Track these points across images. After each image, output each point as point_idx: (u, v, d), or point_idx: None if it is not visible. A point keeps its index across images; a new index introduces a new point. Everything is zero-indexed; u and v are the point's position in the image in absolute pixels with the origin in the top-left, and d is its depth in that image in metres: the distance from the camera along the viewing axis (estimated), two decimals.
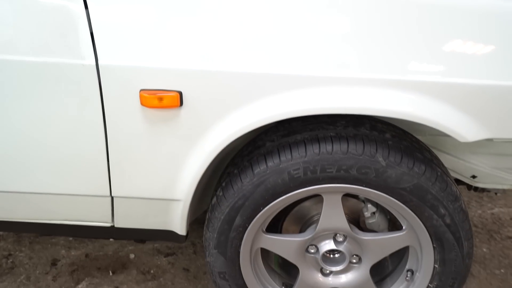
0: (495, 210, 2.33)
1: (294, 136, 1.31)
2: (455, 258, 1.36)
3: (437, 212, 1.29)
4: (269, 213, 1.37)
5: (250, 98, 1.21)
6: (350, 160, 1.24)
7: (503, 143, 1.46)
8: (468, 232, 1.34)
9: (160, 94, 1.20)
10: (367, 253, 1.45)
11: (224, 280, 1.49)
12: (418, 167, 1.25)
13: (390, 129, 1.35)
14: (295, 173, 1.27)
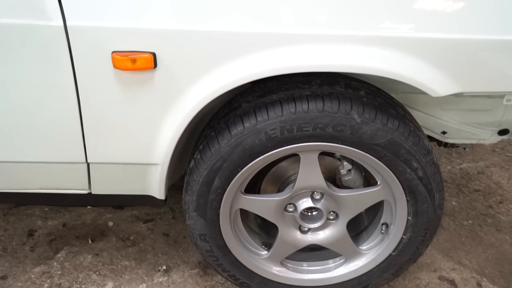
0: (463, 165, 2.42)
1: (270, 96, 1.32)
2: (427, 209, 1.41)
3: (410, 166, 1.33)
4: (247, 174, 1.39)
5: (225, 58, 1.20)
6: (326, 118, 1.25)
7: (471, 99, 1.50)
8: (439, 184, 1.38)
9: (133, 55, 1.17)
10: (343, 209, 1.49)
11: (205, 242, 1.52)
12: (392, 123, 1.28)
13: (365, 86, 1.37)
14: (272, 133, 1.28)
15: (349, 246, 1.55)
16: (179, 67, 1.21)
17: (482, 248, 1.93)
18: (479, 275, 1.80)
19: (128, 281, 1.76)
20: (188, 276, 1.79)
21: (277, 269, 1.60)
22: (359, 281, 1.58)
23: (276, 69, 1.20)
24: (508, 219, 2.07)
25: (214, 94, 1.23)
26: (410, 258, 1.52)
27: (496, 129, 1.58)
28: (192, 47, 1.18)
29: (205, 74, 1.22)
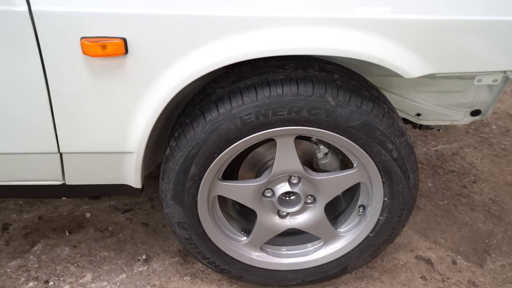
0: (438, 147, 2.46)
1: (244, 81, 1.30)
2: (403, 190, 1.42)
3: (385, 148, 1.33)
4: (223, 160, 1.37)
5: (197, 43, 1.18)
6: (300, 101, 1.25)
7: (444, 81, 1.52)
8: (414, 164, 1.39)
9: (103, 41, 1.14)
10: (321, 193, 1.50)
11: (183, 230, 1.50)
12: (366, 105, 1.28)
13: (339, 69, 1.36)
14: (247, 118, 1.27)
15: (327, 229, 1.56)
16: (151, 52, 1.18)
17: (457, 227, 1.97)
18: (454, 253, 1.84)
19: (107, 272, 1.74)
20: (168, 264, 1.78)
21: (256, 255, 1.60)
22: (338, 263, 1.60)
23: (250, 53, 1.19)
24: (481, 198, 2.12)
25: (188, 80, 1.21)
26: (387, 238, 1.54)
27: (468, 110, 1.61)
28: (164, 32, 1.16)
29: (178, 60, 1.19)
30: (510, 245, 1.88)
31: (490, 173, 2.28)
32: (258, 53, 1.18)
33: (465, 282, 1.72)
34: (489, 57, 1.20)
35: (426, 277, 1.75)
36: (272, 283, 1.65)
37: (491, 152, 2.42)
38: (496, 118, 2.70)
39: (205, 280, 1.72)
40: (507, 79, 1.42)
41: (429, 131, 2.56)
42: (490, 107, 1.58)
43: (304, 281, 1.63)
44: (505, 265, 1.79)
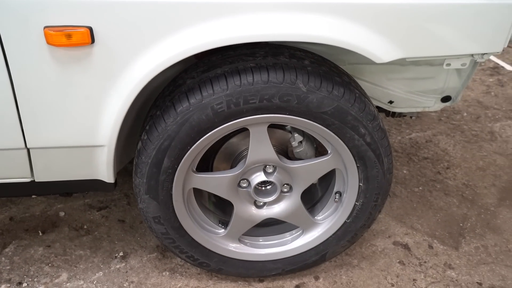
0: (412, 135, 2.48)
1: (214, 71, 1.27)
2: (377, 174, 1.41)
3: (358, 132, 1.32)
4: (197, 151, 1.34)
5: (166, 31, 1.14)
6: (271, 89, 1.23)
7: (415, 67, 1.52)
8: (387, 148, 1.39)
9: (67, 30, 1.09)
10: (296, 181, 1.48)
11: (159, 224, 1.46)
12: (337, 90, 1.27)
13: (309, 56, 1.35)
14: (218, 107, 1.24)
15: (305, 217, 1.55)
16: (118, 41, 1.14)
17: (432, 212, 1.98)
18: (430, 237, 1.86)
19: (83, 271, 1.69)
20: (146, 260, 1.74)
21: (235, 246, 1.58)
22: (317, 251, 1.58)
23: (218, 41, 1.15)
24: (455, 183, 2.14)
25: (157, 69, 1.17)
26: (364, 224, 1.53)
27: (439, 96, 1.62)
28: (131, 20, 1.12)
29: (147, 49, 1.15)
30: (483, 228, 1.90)
31: (462, 158, 2.31)
32: (226, 40, 1.15)
33: (442, 265, 1.74)
34: (457, 41, 1.20)
35: (404, 262, 1.75)
36: (252, 274, 1.62)
37: (463, 139, 2.46)
38: (467, 106, 2.74)
39: (184, 274, 1.68)
40: (475, 63, 1.43)
41: (403, 120, 2.58)
42: (460, 93, 1.59)
43: (284, 271, 1.61)
44: (479, 247, 1.82)
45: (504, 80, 3.02)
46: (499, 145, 2.40)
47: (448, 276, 1.69)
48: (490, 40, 1.19)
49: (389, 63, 1.48)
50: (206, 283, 1.65)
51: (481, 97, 2.83)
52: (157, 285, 1.64)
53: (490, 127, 2.55)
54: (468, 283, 1.67)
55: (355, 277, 1.68)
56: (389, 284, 1.66)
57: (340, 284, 1.66)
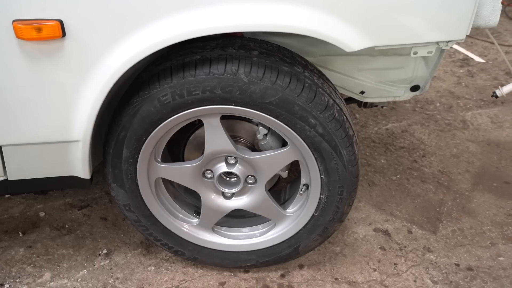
0: (388, 126, 2.54)
1: (164, 64, 1.29)
2: (337, 166, 1.36)
3: (308, 123, 1.28)
4: (154, 142, 1.36)
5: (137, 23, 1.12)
6: (213, 80, 1.23)
7: (384, 58, 1.55)
8: (344, 140, 1.33)
9: (37, 23, 1.07)
10: (259, 172, 1.47)
11: (130, 212, 1.50)
12: (282, 80, 1.24)
13: (263, 46, 1.33)
14: (164, 99, 1.26)
15: (274, 209, 1.53)
16: (90, 35, 1.12)
17: (410, 199, 2.03)
18: (409, 223, 1.91)
19: (67, 269, 1.66)
20: (131, 256, 1.73)
21: (208, 236, 1.58)
22: (289, 244, 1.57)
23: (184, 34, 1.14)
24: (431, 171, 2.21)
25: (131, 62, 1.16)
26: (333, 217, 1.48)
27: (408, 85, 1.65)
28: (102, 13, 1.10)
29: (119, 41, 1.14)
30: (459, 212, 1.96)
31: (437, 147, 2.37)
32: (194, 33, 1.14)
33: (421, 249, 1.79)
34: (422, 29, 1.22)
35: (384, 247, 1.79)
36: (226, 264, 1.63)
37: (437, 128, 2.52)
38: (440, 96, 2.82)
39: (170, 268, 1.68)
40: (442, 51, 1.47)
41: (379, 111, 2.63)
42: (428, 82, 1.63)
43: (259, 262, 1.61)
44: (455, 230, 1.88)
45: (473, 71, 3.11)
46: (471, 132, 2.48)
47: (427, 259, 1.74)
48: (453, 28, 1.21)
49: (359, 54, 1.51)
50: (192, 276, 1.65)
51: (453, 88, 2.92)
52: (143, 280, 1.64)
53: (462, 116, 2.63)
54: (446, 264, 1.72)
55: (339, 264, 1.71)
56: (371, 269, 1.70)
57: (324, 271, 1.69)
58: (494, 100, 2.76)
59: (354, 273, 1.68)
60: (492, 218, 1.92)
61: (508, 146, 2.36)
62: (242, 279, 1.65)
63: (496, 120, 2.58)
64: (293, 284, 1.63)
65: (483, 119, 2.59)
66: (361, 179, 2.14)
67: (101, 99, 1.20)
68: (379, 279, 1.66)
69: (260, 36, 1.47)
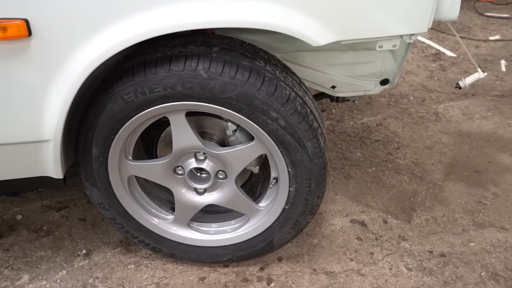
0: (364, 120, 2.59)
1: (128, 63, 1.30)
2: (302, 159, 1.37)
3: (270, 116, 1.29)
4: (123, 140, 1.37)
5: (105, 21, 1.13)
6: (173, 77, 1.25)
7: (353, 52, 1.58)
8: (308, 132, 1.33)
9: (2, 23, 1.07)
10: (229, 167, 1.47)
11: (105, 210, 1.51)
12: (241, 75, 1.25)
13: (225, 42, 1.34)
14: (127, 97, 1.27)
15: (246, 204, 1.55)
16: (56, 33, 1.12)
17: (385, 190, 2.08)
18: (385, 213, 1.95)
19: (45, 271, 1.66)
20: (110, 256, 1.73)
21: (184, 232, 1.60)
22: (263, 237, 1.58)
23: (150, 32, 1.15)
24: (405, 162, 2.26)
25: (99, 59, 1.16)
26: (303, 210, 1.49)
27: (377, 79, 1.68)
28: (68, 11, 1.10)
29: (87, 39, 1.14)
30: (432, 201, 2.02)
31: (411, 139, 2.43)
32: (158, 31, 1.15)
33: (396, 238, 1.83)
34: (387, 23, 1.25)
35: (361, 237, 1.84)
36: (203, 259, 1.64)
37: (410, 121, 2.59)
38: (413, 90, 2.89)
39: (150, 266, 1.69)
40: (408, 45, 1.52)
41: (355, 106, 2.68)
42: (396, 75, 1.67)
43: (235, 257, 1.63)
44: (429, 218, 1.93)
45: (445, 65, 3.19)
46: (443, 124, 2.55)
47: (402, 247, 1.79)
48: (416, 21, 1.25)
49: (329, 49, 1.54)
50: (172, 273, 1.67)
51: (425, 82, 2.99)
52: (123, 278, 1.64)
53: (435, 108, 2.70)
54: (420, 252, 1.77)
55: (317, 255, 1.75)
56: (348, 259, 1.74)
57: (303, 263, 1.72)
58: (465, 93, 2.84)
59: (332, 264, 1.71)
60: (463, 206, 1.98)
61: (478, 137, 2.44)
62: (222, 273, 1.67)
63: (467, 112, 2.65)
64: (272, 276, 1.66)
65: (454, 111, 2.66)
66: (337, 172, 2.18)
67: (71, 98, 1.20)
68: (356, 269, 1.70)
69: (232, 34, 1.49)
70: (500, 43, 3.47)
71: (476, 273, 1.68)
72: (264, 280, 1.64)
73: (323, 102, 2.69)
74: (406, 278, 1.66)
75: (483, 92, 2.85)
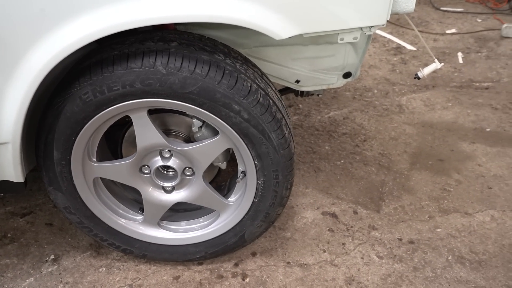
0: (330, 114, 2.62)
1: (84, 62, 1.27)
2: (268, 151, 1.36)
3: (232, 109, 1.27)
4: (85, 141, 1.33)
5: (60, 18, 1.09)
6: (131, 74, 1.22)
7: (315, 47, 1.59)
8: (272, 124, 1.32)
9: None
10: (195, 163, 1.46)
11: (72, 215, 1.47)
12: (200, 69, 1.23)
13: (183, 37, 1.32)
14: (85, 97, 1.24)
15: (215, 199, 1.54)
16: (10, 32, 1.07)
17: (354, 181, 2.12)
18: (355, 204, 1.99)
19: (12, 279, 1.59)
20: (80, 259, 1.67)
21: (155, 232, 1.57)
22: (235, 232, 1.57)
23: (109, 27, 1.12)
24: (372, 154, 2.31)
25: (57, 58, 1.12)
26: (272, 202, 1.49)
27: (340, 73, 1.71)
28: (21, 8, 1.06)
29: (42, 38, 1.10)
30: (399, 190, 2.07)
31: (376, 131, 2.48)
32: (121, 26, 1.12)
33: (366, 228, 1.87)
34: (347, 15, 1.27)
35: (333, 229, 1.86)
36: (176, 258, 1.62)
37: (375, 113, 2.64)
38: (377, 83, 2.95)
39: (122, 268, 1.65)
40: (368, 38, 1.55)
41: (321, 101, 2.71)
42: (358, 68, 1.70)
43: (208, 253, 1.61)
44: (397, 207, 1.98)
45: (406, 58, 3.28)
46: (407, 116, 2.62)
47: (372, 237, 1.83)
48: (375, 14, 1.27)
49: (291, 44, 1.55)
50: (145, 273, 1.63)
51: (388, 75, 3.06)
52: (94, 282, 1.60)
53: (398, 101, 2.76)
54: (390, 240, 1.81)
55: (290, 249, 1.76)
56: (321, 250, 1.76)
57: (276, 256, 1.72)
58: (426, 85, 2.92)
59: (305, 256, 1.73)
60: (429, 194, 2.04)
61: (440, 127, 2.52)
62: (196, 271, 1.65)
63: (429, 103, 2.73)
64: (246, 271, 1.66)
65: (417, 102, 2.74)
66: (307, 166, 2.20)
67: (28, 99, 1.16)
68: (329, 259, 1.72)
69: (194, 30, 1.47)
70: (456, 36, 3.60)
71: (443, 257, 1.73)
72: (239, 276, 1.64)
73: (290, 98, 2.71)
74: (377, 266, 1.70)
75: (443, 83, 2.94)
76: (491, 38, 3.57)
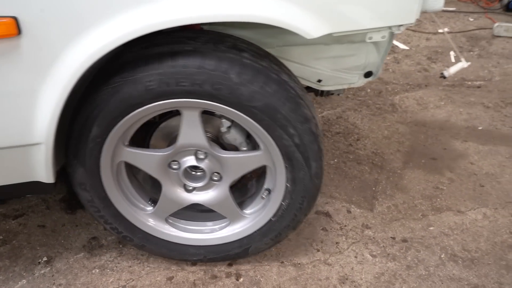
0: (324, 113, 2.62)
1: (153, 49, 1.24)
2: (304, 177, 1.38)
3: (287, 132, 1.29)
4: (127, 125, 1.31)
5: (98, 16, 1.08)
6: (203, 75, 1.21)
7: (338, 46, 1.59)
8: (317, 153, 1.35)
9: None
10: (226, 171, 1.47)
11: (85, 192, 1.43)
12: (270, 87, 1.24)
13: (252, 49, 1.33)
14: (149, 84, 1.22)
15: (232, 208, 1.54)
16: (48, 31, 1.06)
17: (347, 180, 2.12)
18: (348, 203, 1.99)
19: (3, 282, 1.57)
20: (73, 261, 1.66)
21: (160, 226, 1.56)
22: (241, 244, 1.57)
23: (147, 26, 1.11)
24: (365, 153, 2.31)
25: (93, 57, 1.11)
26: (288, 224, 1.51)
27: (361, 72, 1.70)
28: (59, 7, 1.05)
29: (80, 37, 1.09)
30: (392, 189, 2.08)
31: (370, 130, 2.49)
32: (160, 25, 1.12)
33: (360, 226, 1.87)
34: (377, 14, 1.26)
35: (326, 228, 1.86)
36: (173, 255, 1.61)
37: (369, 112, 2.65)
38: (370, 83, 2.95)
39: (115, 269, 1.64)
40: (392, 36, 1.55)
41: (315, 100, 2.71)
42: (380, 67, 1.70)
43: (206, 258, 1.61)
44: (390, 206, 1.98)
45: (399, 58, 3.29)
46: (400, 115, 2.63)
47: (366, 235, 1.83)
48: (404, 12, 1.27)
49: (315, 43, 1.55)
50: (138, 274, 1.63)
51: (381, 74, 3.06)
52: (87, 283, 1.59)
53: (391, 100, 2.77)
54: (383, 239, 1.82)
55: (284, 248, 1.76)
56: (315, 249, 1.76)
57: (270, 256, 1.72)
58: (419, 84, 2.93)
59: (299, 255, 1.73)
60: (422, 192, 2.05)
61: (433, 125, 2.53)
62: (190, 271, 1.64)
63: (421, 102, 2.75)
64: (240, 271, 1.65)
65: (410, 101, 2.75)
66: None
67: (64, 98, 1.14)
68: (322, 259, 1.72)
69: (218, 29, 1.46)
70: (448, 35, 3.61)
71: (436, 255, 1.74)
72: (233, 276, 1.63)
73: None
74: (371, 264, 1.70)
75: (435, 82, 2.96)
76: (483, 37, 3.59)
